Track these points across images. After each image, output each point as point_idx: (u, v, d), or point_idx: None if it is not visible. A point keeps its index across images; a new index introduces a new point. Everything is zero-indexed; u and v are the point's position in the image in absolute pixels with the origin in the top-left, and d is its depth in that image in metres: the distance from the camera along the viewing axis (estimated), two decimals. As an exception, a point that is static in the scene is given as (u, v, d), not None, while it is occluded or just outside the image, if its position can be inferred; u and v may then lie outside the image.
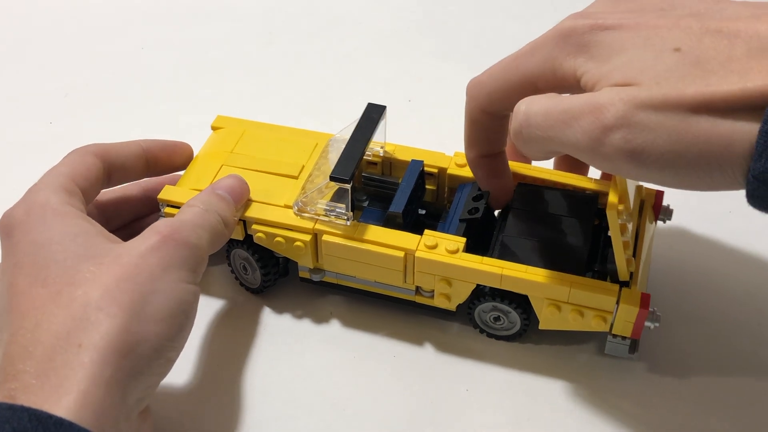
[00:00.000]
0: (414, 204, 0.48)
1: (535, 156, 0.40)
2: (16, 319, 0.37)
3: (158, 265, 0.38)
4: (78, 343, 0.35)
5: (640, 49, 0.34)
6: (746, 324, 0.48)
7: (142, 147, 0.49)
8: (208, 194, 0.45)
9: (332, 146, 0.50)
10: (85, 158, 0.46)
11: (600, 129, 0.33)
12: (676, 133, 0.32)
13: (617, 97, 0.33)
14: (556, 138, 0.35)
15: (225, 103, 0.66)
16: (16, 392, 0.34)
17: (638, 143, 0.32)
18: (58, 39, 0.73)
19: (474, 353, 0.47)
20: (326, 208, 0.46)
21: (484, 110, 0.43)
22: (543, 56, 0.38)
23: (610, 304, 0.42)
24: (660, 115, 0.32)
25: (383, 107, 0.48)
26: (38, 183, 0.44)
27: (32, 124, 0.65)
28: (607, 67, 0.35)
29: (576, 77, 0.36)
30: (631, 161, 0.33)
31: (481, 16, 0.74)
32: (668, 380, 0.46)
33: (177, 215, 0.43)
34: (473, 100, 0.44)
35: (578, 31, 0.36)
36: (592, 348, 0.47)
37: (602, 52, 0.35)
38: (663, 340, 0.47)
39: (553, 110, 0.35)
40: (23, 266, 0.38)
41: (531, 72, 0.39)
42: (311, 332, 0.49)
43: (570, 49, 0.37)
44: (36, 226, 0.40)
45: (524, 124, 0.37)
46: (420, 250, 0.45)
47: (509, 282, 0.44)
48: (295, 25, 0.74)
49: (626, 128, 0.33)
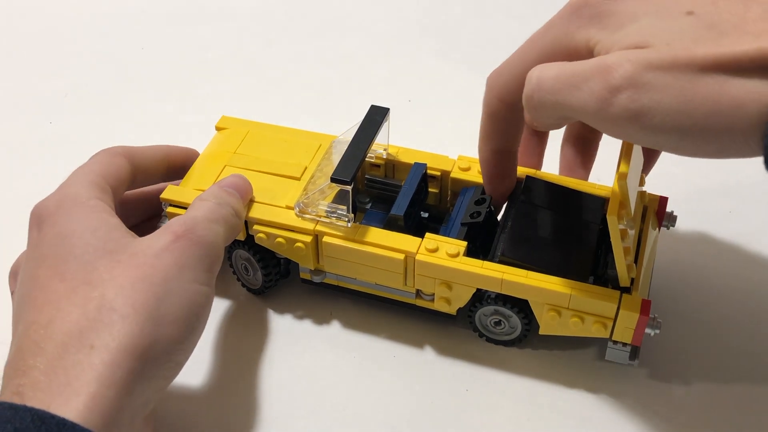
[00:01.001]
0: (416, 207, 0.48)
1: (546, 124, 0.39)
2: (31, 313, 0.37)
3: (173, 265, 0.38)
4: (90, 343, 0.35)
5: (652, 15, 0.34)
6: (748, 331, 0.48)
7: (165, 152, 0.50)
8: (217, 189, 0.45)
9: (335, 148, 0.50)
10: (114, 159, 0.46)
11: (607, 90, 0.33)
12: (683, 94, 0.31)
13: (625, 58, 0.33)
14: (566, 102, 0.35)
15: (225, 103, 0.66)
16: (24, 388, 0.34)
17: (644, 103, 0.32)
18: (58, 39, 0.73)
19: (474, 356, 0.47)
20: (327, 210, 0.46)
21: (501, 100, 0.43)
22: (556, 32, 0.38)
23: (611, 311, 0.42)
24: (668, 76, 0.31)
25: (386, 109, 0.48)
26: (71, 178, 0.44)
27: (32, 124, 0.65)
28: (620, 34, 0.34)
29: (589, 48, 0.36)
30: (636, 122, 0.32)
31: (481, 16, 0.74)
32: (669, 387, 0.46)
33: (189, 211, 0.43)
34: (491, 90, 0.43)
35: (590, 2, 0.36)
36: (592, 354, 0.47)
37: (615, 21, 0.35)
38: (664, 346, 0.47)
39: (563, 73, 0.35)
40: (46, 258, 0.39)
41: (545, 50, 0.39)
42: (312, 333, 0.49)
43: (582, 21, 0.36)
44: (63, 218, 0.40)
45: (536, 88, 0.37)
46: (420, 253, 0.45)
47: (510, 287, 0.44)
48: (295, 25, 0.74)
49: (633, 89, 0.32)
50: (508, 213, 0.47)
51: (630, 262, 0.42)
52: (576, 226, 0.46)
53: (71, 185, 0.43)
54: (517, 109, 0.43)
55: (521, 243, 0.45)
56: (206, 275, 0.40)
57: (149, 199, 0.51)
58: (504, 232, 0.45)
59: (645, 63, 0.32)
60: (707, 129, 0.31)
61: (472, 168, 0.49)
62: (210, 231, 0.41)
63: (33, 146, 0.63)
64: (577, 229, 0.45)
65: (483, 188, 0.48)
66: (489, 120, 0.44)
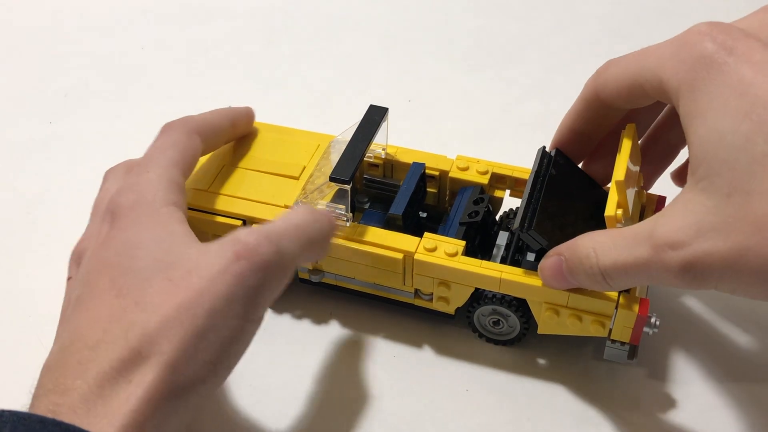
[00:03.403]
0: (415, 206, 0.48)
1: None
2: (81, 324, 0.36)
3: (223, 296, 0.36)
4: (129, 378, 0.34)
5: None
6: (747, 329, 0.48)
7: (230, 119, 0.49)
8: (319, 209, 0.43)
9: (334, 147, 0.50)
10: (191, 141, 0.45)
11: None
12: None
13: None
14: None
15: (225, 102, 0.65)
16: (61, 408, 0.34)
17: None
18: (58, 39, 0.73)
19: (473, 355, 0.47)
20: (326, 209, 0.46)
21: (598, 93, 0.43)
22: (662, 59, 0.38)
23: (609, 309, 0.42)
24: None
25: (385, 109, 0.48)
26: (150, 169, 0.42)
27: (32, 124, 0.65)
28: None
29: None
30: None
31: (481, 16, 0.74)
32: (667, 385, 0.46)
33: (273, 221, 0.39)
34: (595, 79, 0.43)
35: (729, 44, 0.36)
36: (591, 353, 0.47)
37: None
38: (663, 346, 0.47)
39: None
40: (109, 266, 0.38)
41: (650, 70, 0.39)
42: (311, 332, 0.49)
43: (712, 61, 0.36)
44: (134, 224, 0.39)
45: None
46: (419, 252, 0.45)
47: (508, 286, 0.44)
48: (295, 25, 0.74)
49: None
50: (534, 184, 0.45)
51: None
52: (594, 219, 0.45)
53: (149, 182, 0.41)
54: (610, 107, 0.43)
55: (549, 222, 0.43)
56: (257, 308, 0.37)
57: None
58: (531, 204, 0.44)
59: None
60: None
61: (471, 168, 0.49)
62: (279, 253, 0.37)
63: (33, 146, 0.63)
64: (595, 223, 0.44)
65: (481, 188, 0.48)
66: (580, 101, 0.44)
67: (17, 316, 0.51)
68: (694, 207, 0.35)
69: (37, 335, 0.48)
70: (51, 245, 0.55)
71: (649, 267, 0.36)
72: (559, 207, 0.44)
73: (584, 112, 0.44)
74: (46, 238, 0.56)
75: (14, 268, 0.54)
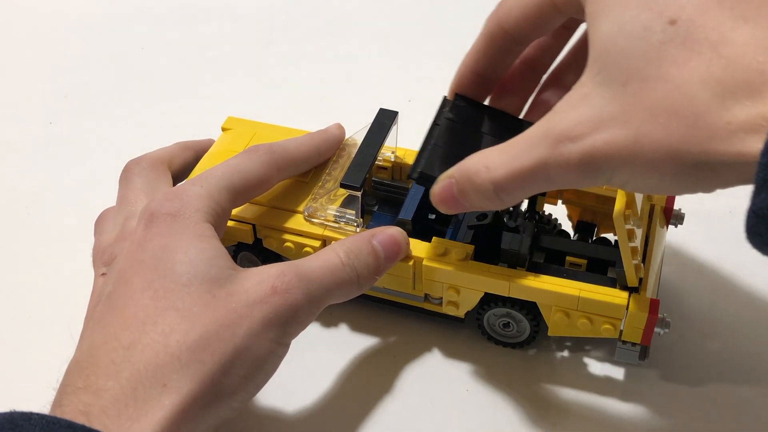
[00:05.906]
0: (423, 210, 0.48)
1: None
2: (115, 324, 0.36)
3: (260, 321, 0.38)
4: (164, 382, 0.35)
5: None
6: (759, 328, 0.48)
7: (315, 146, 0.48)
8: (362, 241, 0.43)
9: (343, 150, 0.50)
10: (259, 169, 0.44)
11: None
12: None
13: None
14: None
15: (225, 103, 0.66)
16: (92, 409, 0.34)
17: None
18: (58, 39, 0.72)
19: (477, 356, 0.48)
20: (336, 214, 0.46)
21: (501, 25, 0.41)
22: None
23: (620, 311, 0.42)
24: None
25: (395, 113, 0.48)
26: (202, 185, 0.42)
27: (32, 124, 0.64)
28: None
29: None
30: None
31: (481, 16, 0.74)
32: (679, 386, 0.46)
33: (311, 257, 0.41)
34: (495, 11, 0.41)
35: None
36: (602, 354, 0.47)
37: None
38: (675, 346, 0.47)
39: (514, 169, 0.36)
40: (145, 268, 0.38)
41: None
42: (313, 334, 0.49)
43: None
44: (175, 231, 0.39)
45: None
46: (429, 258, 0.45)
47: (517, 289, 0.44)
48: (296, 25, 0.74)
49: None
50: (431, 133, 0.44)
51: (638, 262, 0.42)
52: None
53: (197, 199, 0.41)
54: (514, 40, 0.41)
55: (441, 161, 0.42)
56: (288, 336, 0.39)
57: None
58: (424, 152, 0.43)
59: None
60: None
61: (479, 171, 0.49)
62: (308, 297, 0.39)
63: (33, 146, 0.62)
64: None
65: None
66: (481, 39, 0.43)
67: (17, 316, 0.51)
68: (592, 100, 0.33)
69: (37, 334, 0.48)
70: (51, 245, 0.55)
71: (548, 166, 0.34)
72: (459, 147, 0.43)
73: (487, 50, 0.43)
74: (46, 238, 0.56)
75: (14, 268, 0.54)
